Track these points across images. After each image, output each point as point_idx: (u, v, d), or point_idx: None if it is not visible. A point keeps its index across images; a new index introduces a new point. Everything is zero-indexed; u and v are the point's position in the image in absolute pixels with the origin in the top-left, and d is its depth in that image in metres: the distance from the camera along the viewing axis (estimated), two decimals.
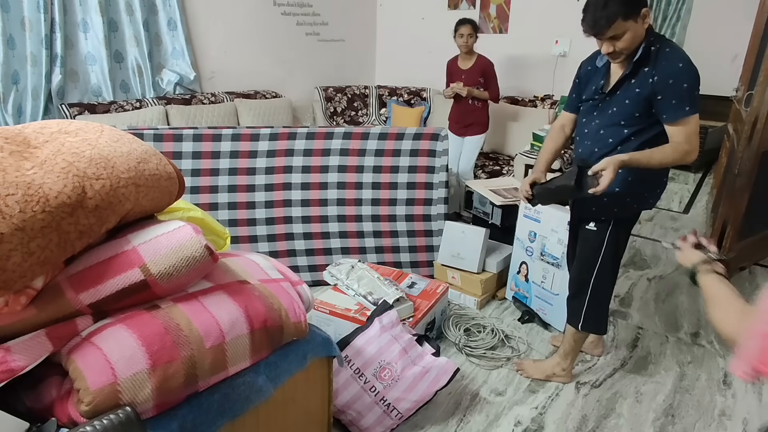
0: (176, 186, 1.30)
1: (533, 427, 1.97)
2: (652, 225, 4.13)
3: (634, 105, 1.77)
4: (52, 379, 1.07)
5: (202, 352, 1.13)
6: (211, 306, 1.19)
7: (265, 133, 2.81)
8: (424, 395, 1.88)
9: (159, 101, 3.61)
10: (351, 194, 3.01)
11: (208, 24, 3.98)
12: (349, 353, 1.89)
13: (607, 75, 1.87)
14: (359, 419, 1.85)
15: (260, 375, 1.27)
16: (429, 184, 3.06)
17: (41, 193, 0.97)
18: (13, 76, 3.06)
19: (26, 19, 3.03)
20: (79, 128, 1.16)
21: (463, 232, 2.80)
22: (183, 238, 1.15)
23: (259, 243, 2.88)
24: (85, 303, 1.07)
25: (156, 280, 1.11)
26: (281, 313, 1.30)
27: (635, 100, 1.76)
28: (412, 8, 4.96)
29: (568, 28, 4.08)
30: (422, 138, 2.98)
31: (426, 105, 4.79)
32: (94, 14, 3.30)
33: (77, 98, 3.37)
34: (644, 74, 1.73)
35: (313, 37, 4.75)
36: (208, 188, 2.78)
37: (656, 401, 2.12)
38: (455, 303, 2.78)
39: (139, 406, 1.03)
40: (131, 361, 1.03)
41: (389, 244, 3.06)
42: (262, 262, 1.44)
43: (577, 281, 2.06)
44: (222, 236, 1.69)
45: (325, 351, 1.50)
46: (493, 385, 2.18)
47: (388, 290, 2.23)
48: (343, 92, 4.87)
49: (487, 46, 4.57)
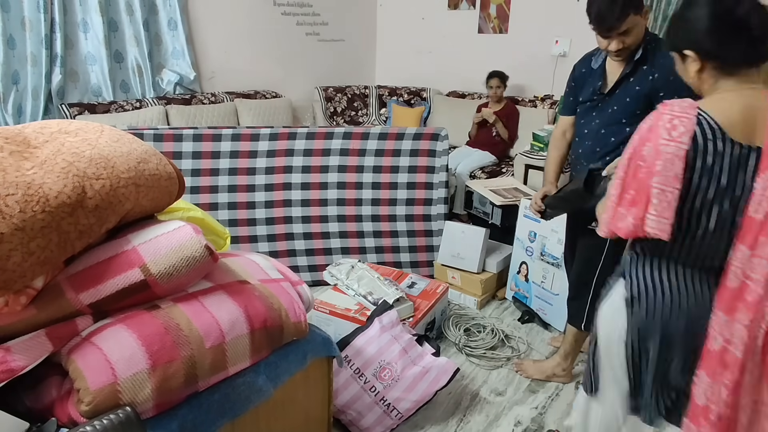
0: (176, 186, 1.30)
1: (533, 427, 1.97)
2: None
3: (635, 103, 1.78)
4: (52, 379, 1.07)
5: (202, 352, 1.13)
6: (211, 306, 1.19)
7: (265, 133, 2.81)
8: (424, 395, 1.88)
9: (159, 101, 3.61)
10: (351, 194, 3.01)
11: (208, 24, 3.98)
12: (349, 353, 1.89)
13: (603, 76, 1.88)
14: (359, 419, 1.85)
15: (260, 375, 1.27)
16: (429, 184, 3.06)
17: (41, 193, 0.98)
18: (13, 76, 3.06)
19: (26, 19, 3.03)
20: (79, 128, 1.16)
21: (463, 232, 2.80)
22: (183, 238, 1.15)
23: (259, 243, 2.88)
24: (85, 303, 1.07)
25: (156, 280, 1.11)
26: (281, 313, 1.30)
27: (635, 98, 1.77)
28: (412, 8, 4.96)
29: (568, 28, 4.08)
30: (422, 138, 2.98)
31: (426, 105, 4.78)
32: (94, 14, 3.30)
33: (77, 98, 3.37)
34: (643, 72, 1.75)
35: (313, 37, 4.75)
36: (208, 188, 2.78)
37: None
38: (455, 303, 2.78)
39: (139, 406, 1.03)
40: (131, 361, 1.03)
41: (389, 244, 3.06)
42: (262, 262, 1.44)
43: (578, 282, 2.06)
44: (222, 236, 1.69)
45: (325, 351, 1.50)
46: (493, 385, 2.18)
47: (388, 290, 2.23)
48: (343, 92, 4.87)
49: (487, 46, 4.59)
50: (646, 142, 1.11)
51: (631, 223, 1.12)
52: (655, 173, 1.08)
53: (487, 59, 4.43)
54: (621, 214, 1.14)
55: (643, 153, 1.11)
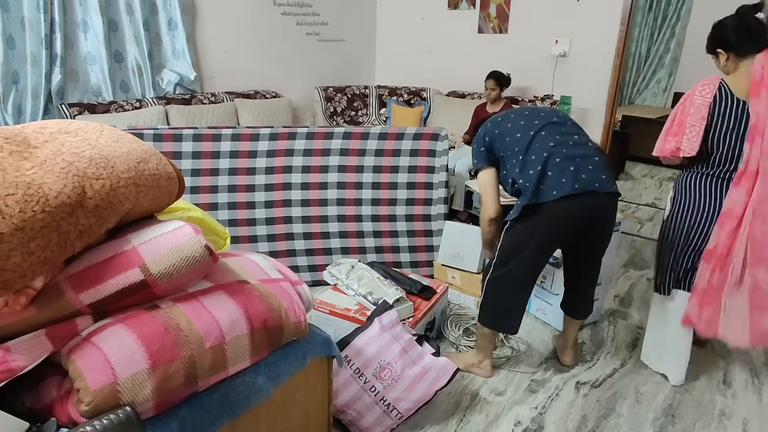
0: (176, 186, 1.30)
1: (533, 427, 1.97)
2: (652, 225, 4.13)
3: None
4: (52, 379, 1.07)
5: (202, 352, 1.13)
6: (211, 306, 1.19)
7: (265, 133, 2.81)
8: (424, 395, 1.88)
9: (159, 101, 3.61)
10: (351, 194, 3.01)
11: (208, 24, 3.98)
12: (349, 353, 1.89)
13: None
14: (359, 419, 1.85)
15: (260, 375, 1.27)
16: (429, 184, 3.06)
17: (41, 193, 0.97)
18: (13, 76, 3.06)
19: (26, 19, 3.03)
20: (79, 128, 1.16)
21: (463, 232, 2.80)
22: (183, 238, 1.15)
23: (259, 243, 2.88)
24: (85, 303, 1.07)
25: (156, 280, 1.11)
26: (281, 313, 1.30)
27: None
28: (412, 8, 4.96)
29: (568, 28, 4.08)
30: (422, 138, 2.99)
31: (426, 105, 4.79)
32: (94, 14, 3.30)
33: (77, 98, 3.36)
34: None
35: (313, 37, 4.76)
36: (208, 188, 2.78)
37: (656, 401, 2.12)
38: (455, 303, 2.78)
39: (139, 406, 1.03)
40: (131, 361, 1.03)
41: (389, 244, 3.06)
42: (262, 262, 1.44)
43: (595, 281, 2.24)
44: (222, 236, 1.69)
45: (325, 351, 1.50)
46: (493, 385, 2.18)
47: (388, 290, 2.23)
48: (343, 92, 4.87)
49: (487, 46, 4.59)
50: (687, 99, 1.94)
51: (674, 146, 1.93)
52: (690, 115, 1.91)
53: (487, 59, 4.44)
54: (669, 140, 1.95)
55: (685, 105, 1.93)
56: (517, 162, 1.97)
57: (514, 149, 1.99)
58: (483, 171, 2.11)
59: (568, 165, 1.89)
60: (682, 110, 1.93)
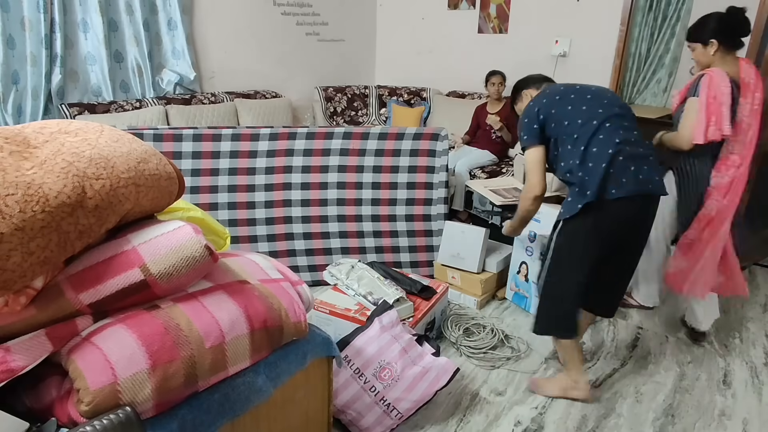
0: (176, 186, 1.30)
1: (533, 427, 1.97)
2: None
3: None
4: (52, 379, 1.07)
5: (202, 352, 1.13)
6: (211, 306, 1.19)
7: (265, 133, 2.81)
8: (424, 395, 1.88)
9: (159, 101, 3.61)
10: (351, 194, 3.01)
11: (208, 24, 3.98)
12: (349, 353, 1.89)
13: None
14: (359, 419, 1.85)
15: (260, 375, 1.27)
16: (429, 184, 3.07)
17: (41, 193, 0.97)
18: (13, 76, 3.06)
19: (26, 19, 3.02)
20: (79, 128, 1.16)
21: (463, 232, 2.80)
22: (183, 238, 1.15)
23: (259, 243, 2.88)
24: (85, 303, 1.07)
25: (156, 280, 1.11)
26: (281, 313, 1.30)
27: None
28: (412, 8, 4.96)
29: (568, 28, 4.08)
30: (422, 138, 2.99)
31: (426, 105, 4.79)
32: (94, 14, 3.30)
33: (77, 98, 3.36)
34: None
35: (313, 37, 4.75)
36: (208, 188, 2.78)
37: (656, 401, 2.12)
38: (455, 303, 2.78)
39: (139, 406, 1.03)
40: (131, 361, 1.03)
41: (389, 244, 3.06)
42: (262, 262, 1.44)
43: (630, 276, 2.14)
44: (222, 236, 1.69)
45: (325, 351, 1.50)
46: (493, 385, 2.18)
47: (388, 290, 2.23)
48: (343, 92, 4.87)
49: (487, 46, 4.59)
50: (711, 88, 2.16)
51: (702, 131, 2.17)
52: (723, 103, 2.14)
53: (487, 59, 4.44)
54: (711, 127, 2.16)
55: (714, 94, 2.15)
56: (577, 152, 1.85)
57: (573, 136, 1.87)
58: (533, 148, 1.97)
59: (629, 164, 1.82)
60: (714, 99, 2.15)
